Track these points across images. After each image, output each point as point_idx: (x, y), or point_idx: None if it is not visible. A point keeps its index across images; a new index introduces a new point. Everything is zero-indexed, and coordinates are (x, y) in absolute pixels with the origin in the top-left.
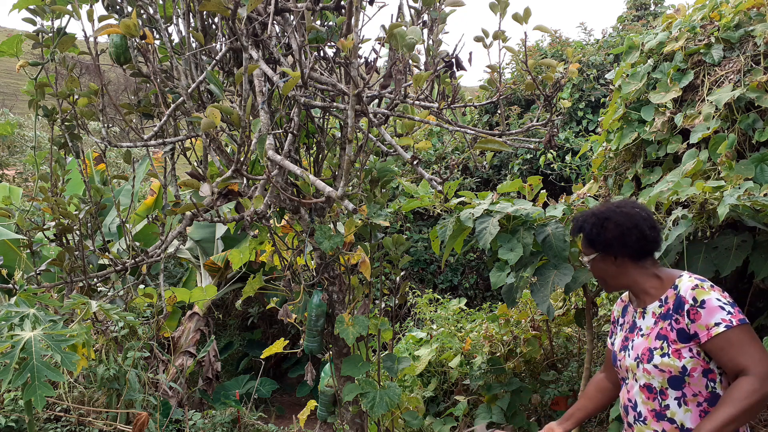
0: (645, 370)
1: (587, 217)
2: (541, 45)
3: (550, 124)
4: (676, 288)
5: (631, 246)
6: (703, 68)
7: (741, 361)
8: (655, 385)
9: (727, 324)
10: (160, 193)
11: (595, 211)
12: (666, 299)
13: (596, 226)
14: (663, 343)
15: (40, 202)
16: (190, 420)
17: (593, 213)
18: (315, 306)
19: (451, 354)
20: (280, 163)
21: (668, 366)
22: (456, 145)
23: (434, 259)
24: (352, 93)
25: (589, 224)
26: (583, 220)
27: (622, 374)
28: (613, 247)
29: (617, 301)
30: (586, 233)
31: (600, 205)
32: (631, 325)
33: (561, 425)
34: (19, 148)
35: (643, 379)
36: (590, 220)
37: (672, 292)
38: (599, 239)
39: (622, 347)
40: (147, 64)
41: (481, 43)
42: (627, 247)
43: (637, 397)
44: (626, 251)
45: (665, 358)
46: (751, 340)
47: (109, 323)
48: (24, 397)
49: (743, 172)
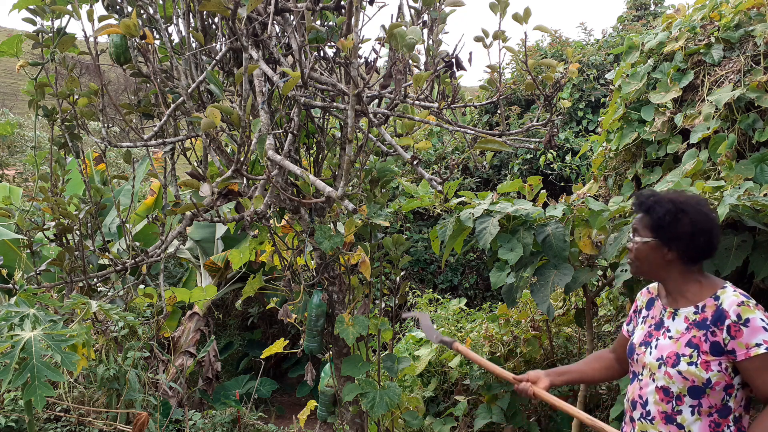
0: (667, 374)
1: (662, 201)
2: (541, 45)
3: (550, 124)
4: (717, 299)
5: (694, 248)
6: (703, 68)
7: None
8: (674, 389)
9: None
10: (160, 193)
11: (673, 199)
12: (703, 308)
13: (670, 213)
14: (693, 351)
15: (40, 202)
16: (190, 420)
17: (671, 199)
18: (315, 306)
19: (451, 354)
20: (280, 163)
21: (693, 375)
22: (456, 145)
23: (434, 259)
24: (352, 93)
25: (662, 209)
26: (655, 201)
27: (636, 368)
28: (677, 241)
29: (642, 291)
30: (655, 217)
31: (677, 194)
32: (657, 322)
33: (549, 377)
34: (19, 148)
35: (662, 381)
36: (665, 205)
37: (712, 302)
38: (667, 228)
39: (644, 342)
40: (147, 64)
41: (481, 43)
42: (690, 248)
43: (649, 396)
44: (686, 250)
45: (692, 367)
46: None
47: (109, 323)
48: (24, 397)
49: (743, 172)
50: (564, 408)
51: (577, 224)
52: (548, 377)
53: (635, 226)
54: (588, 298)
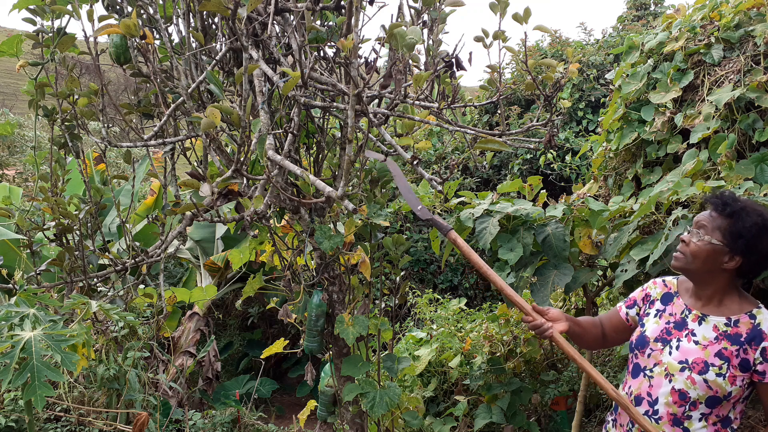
0: (690, 378)
1: (750, 212)
2: (541, 45)
3: (550, 124)
4: (753, 318)
5: (757, 267)
6: (703, 68)
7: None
8: (692, 395)
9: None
10: (160, 193)
11: (763, 213)
12: (736, 322)
13: (757, 227)
14: (724, 364)
15: (40, 202)
16: (190, 420)
17: (760, 213)
18: (315, 306)
19: (451, 354)
20: (280, 163)
21: (718, 386)
22: (456, 145)
23: (434, 259)
24: (352, 93)
25: (750, 220)
26: (742, 208)
27: (644, 363)
28: (748, 256)
29: (657, 281)
30: (740, 225)
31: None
32: (678, 321)
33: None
34: (19, 148)
35: (682, 384)
36: (753, 217)
37: (747, 319)
38: (746, 240)
39: (661, 339)
40: (147, 64)
41: (481, 43)
42: (756, 266)
43: (661, 397)
44: (751, 267)
45: (720, 379)
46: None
47: (109, 323)
48: (24, 397)
49: (743, 172)
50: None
51: (577, 224)
52: (567, 322)
53: (704, 222)
54: (588, 298)
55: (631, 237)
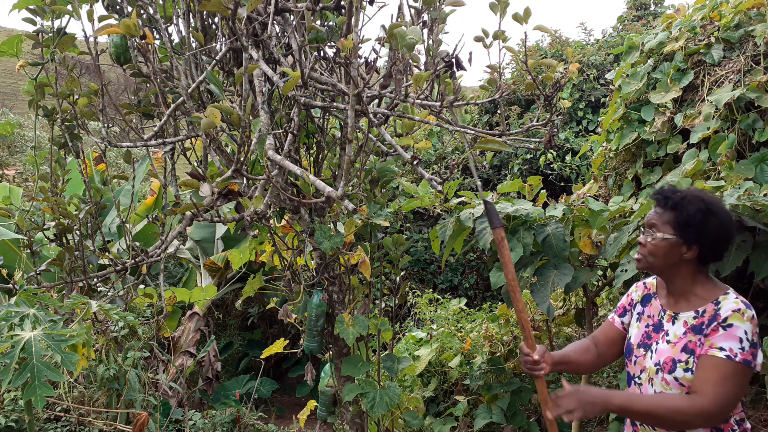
0: (664, 380)
1: (691, 199)
2: (541, 45)
3: (550, 124)
4: (717, 304)
5: (715, 250)
6: (703, 68)
7: (707, 389)
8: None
9: (729, 357)
10: (160, 193)
11: (705, 198)
12: (703, 312)
13: (700, 213)
14: (689, 357)
15: (40, 202)
16: (190, 420)
17: (702, 198)
18: (315, 306)
19: (451, 354)
20: (280, 163)
21: (689, 382)
22: (456, 145)
23: (434, 259)
24: (352, 93)
25: (693, 207)
26: (683, 197)
27: (633, 370)
28: (701, 242)
29: (638, 284)
30: (683, 216)
31: (703, 192)
32: (656, 323)
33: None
34: (19, 148)
35: (660, 386)
36: (696, 204)
37: (712, 307)
38: (695, 227)
39: (643, 344)
40: (147, 64)
41: (481, 43)
42: (712, 250)
43: None
44: (708, 252)
45: (688, 374)
46: (732, 384)
47: (109, 323)
48: (24, 397)
49: (743, 172)
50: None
51: (577, 224)
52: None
53: (653, 220)
54: (588, 298)
55: (631, 237)
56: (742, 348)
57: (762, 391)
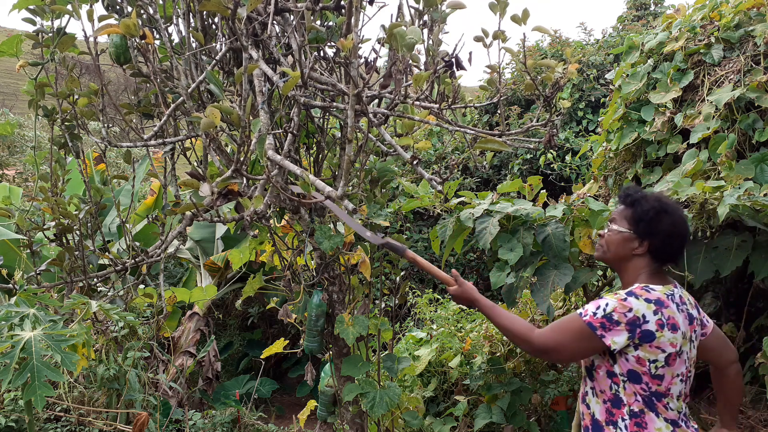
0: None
1: (648, 198)
2: (541, 45)
3: (550, 124)
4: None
5: (665, 248)
6: (703, 68)
7: (547, 329)
8: (583, 371)
9: (581, 314)
10: (160, 193)
11: (660, 198)
12: None
13: (654, 210)
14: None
15: (40, 202)
16: (190, 420)
17: (657, 198)
18: (315, 306)
19: (451, 354)
20: (280, 163)
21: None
22: (456, 145)
23: (434, 259)
24: (352, 93)
25: (647, 205)
26: (641, 197)
27: None
28: (651, 238)
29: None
30: (638, 211)
31: (663, 195)
32: None
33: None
34: (19, 148)
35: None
36: (651, 202)
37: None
38: (646, 224)
39: None
40: (147, 64)
41: (480, 43)
42: (661, 247)
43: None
44: (657, 249)
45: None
46: (568, 335)
47: (109, 323)
48: (24, 397)
49: (743, 172)
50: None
51: (577, 224)
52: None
53: (614, 215)
54: (588, 298)
55: None
56: (594, 313)
57: (762, 391)
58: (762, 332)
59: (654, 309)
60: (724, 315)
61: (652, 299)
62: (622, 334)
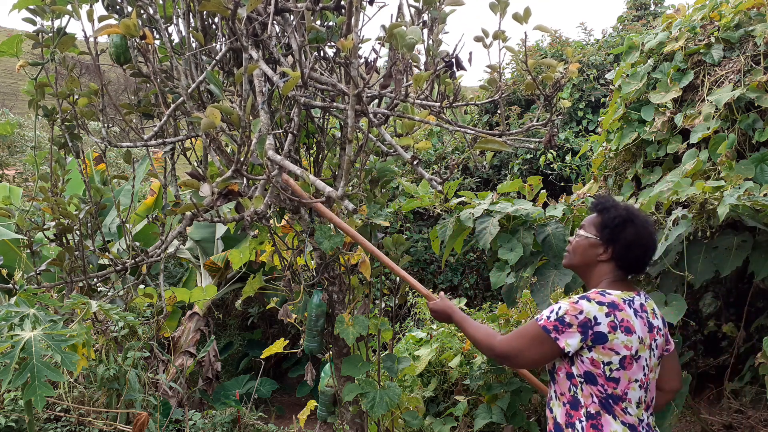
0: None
1: (617, 207)
2: (541, 45)
3: (550, 124)
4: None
5: (627, 257)
6: (703, 68)
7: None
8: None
9: (537, 318)
10: (160, 193)
11: (628, 208)
12: None
13: (619, 218)
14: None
15: (40, 202)
16: (190, 420)
17: (626, 207)
18: (315, 306)
19: (451, 354)
20: (280, 163)
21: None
22: (456, 145)
23: (434, 259)
24: (352, 93)
25: (613, 213)
26: (611, 205)
27: None
28: (615, 245)
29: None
30: (605, 219)
31: (633, 207)
32: None
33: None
34: (19, 148)
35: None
36: (618, 211)
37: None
38: (611, 230)
39: None
40: (147, 64)
41: (481, 43)
42: (623, 255)
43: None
44: (619, 257)
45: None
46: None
47: (109, 323)
48: (24, 397)
49: (743, 172)
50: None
51: (577, 224)
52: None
53: (584, 222)
54: None
55: None
56: (548, 317)
57: (762, 391)
58: (762, 332)
59: (606, 311)
60: (724, 315)
61: (605, 302)
62: (575, 336)
